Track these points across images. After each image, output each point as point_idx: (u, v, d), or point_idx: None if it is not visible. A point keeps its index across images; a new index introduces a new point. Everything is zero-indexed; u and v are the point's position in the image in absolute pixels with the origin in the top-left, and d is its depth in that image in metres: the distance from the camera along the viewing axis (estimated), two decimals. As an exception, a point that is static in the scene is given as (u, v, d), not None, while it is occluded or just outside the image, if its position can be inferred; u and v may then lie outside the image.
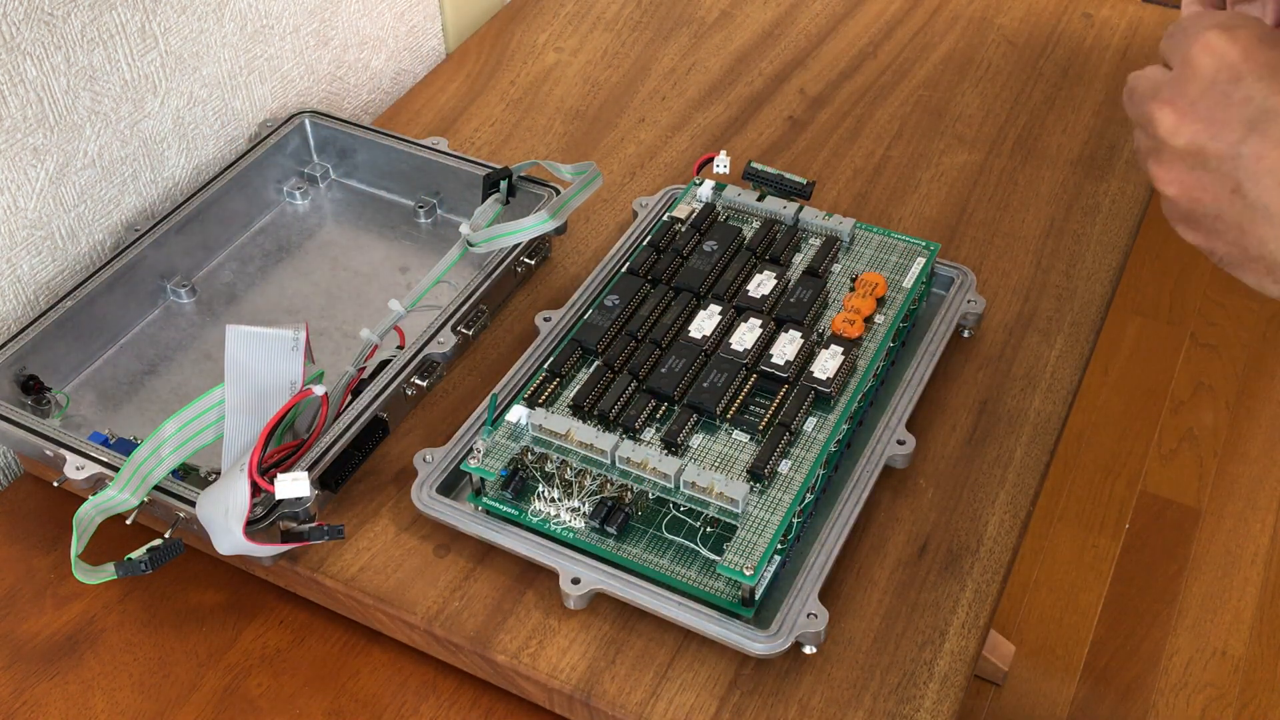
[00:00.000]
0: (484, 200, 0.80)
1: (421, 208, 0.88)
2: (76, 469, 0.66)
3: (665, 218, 0.79)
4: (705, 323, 0.71)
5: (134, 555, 0.63)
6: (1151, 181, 0.50)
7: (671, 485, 0.63)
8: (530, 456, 0.65)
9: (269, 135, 0.88)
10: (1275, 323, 1.79)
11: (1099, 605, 1.45)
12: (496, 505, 0.65)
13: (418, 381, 0.73)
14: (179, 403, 0.74)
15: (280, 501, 0.63)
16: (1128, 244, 0.84)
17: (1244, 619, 1.43)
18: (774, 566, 0.62)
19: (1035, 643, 1.41)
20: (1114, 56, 1.01)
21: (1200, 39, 0.46)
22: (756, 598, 0.61)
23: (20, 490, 0.73)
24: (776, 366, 0.68)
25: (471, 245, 0.76)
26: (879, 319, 0.72)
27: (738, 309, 0.72)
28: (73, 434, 0.68)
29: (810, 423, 0.66)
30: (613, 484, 0.64)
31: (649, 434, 0.66)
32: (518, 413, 0.67)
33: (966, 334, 0.77)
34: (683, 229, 0.77)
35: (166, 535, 0.64)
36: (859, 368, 0.69)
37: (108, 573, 0.63)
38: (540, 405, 0.67)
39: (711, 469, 0.64)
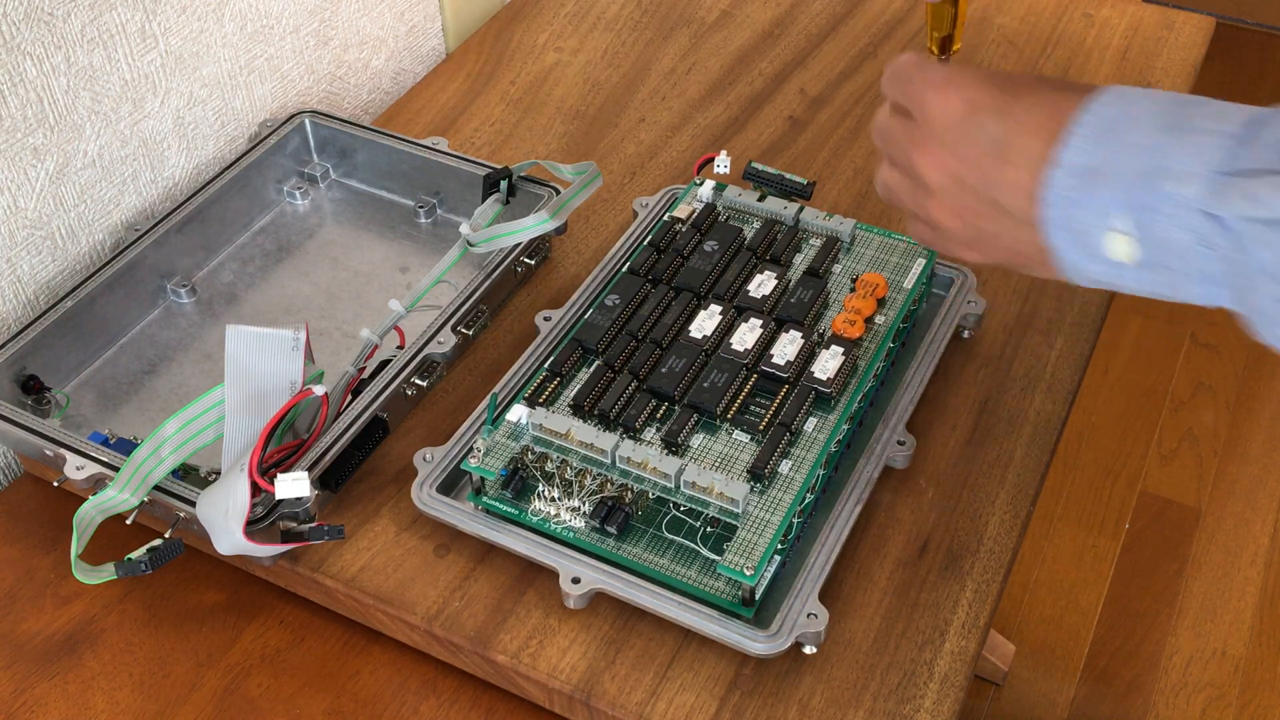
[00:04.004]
0: (484, 200, 0.80)
1: (421, 208, 0.88)
2: (76, 469, 0.66)
3: (665, 218, 0.79)
4: (706, 323, 0.71)
5: (134, 555, 0.63)
6: (928, 220, 0.58)
7: (672, 485, 0.63)
8: (530, 456, 0.65)
9: (269, 135, 0.88)
10: (1275, 323, 1.78)
11: (1099, 605, 1.45)
12: (496, 505, 0.65)
13: (418, 381, 0.73)
14: (179, 403, 0.74)
15: (280, 501, 0.63)
16: (1128, 244, 0.84)
17: (1244, 619, 1.43)
18: (774, 566, 0.62)
19: (1035, 643, 1.41)
20: (1114, 56, 1.01)
21: (934, 93, 0.56)
22: (757, 598, 0.61)
23: (20, 490, 0.73)
24: (777, 367, 0.68)
25: (471, 245, 0.76)
26: (879, 319, 0.72)
27: (738, 309, 0.72)
28: (73, 434, 0.68)
29: (810, 423, 0.66)
30: (613, 484, 0.64)
31: (649, 434, 0.66)
32: (518, 412, 0.67)
33: (967, 334, 0.77)
34: (683, 229, 0.77)
35: (166, 535, 0.65)
36: (859, 368, 0.69)
37: (108, 573, 0.63)
38: (540, 405, 0.67)
39: (712, 469, 0.64)
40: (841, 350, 0.69)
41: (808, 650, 0.61)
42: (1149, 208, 0.48)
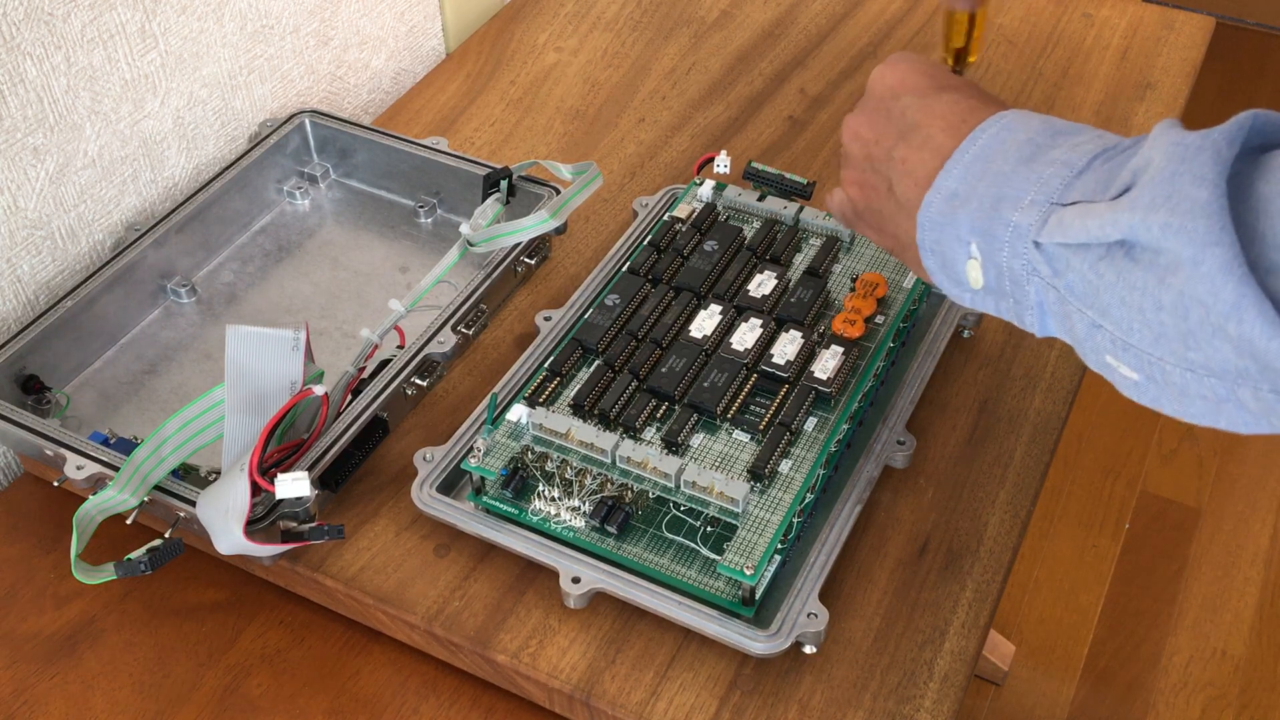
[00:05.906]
0: (484, 200, 0.80)
1: (421, 208, 0.88)
2: (76, 469, 0.66)
3: (666, 217, 0.79)
4: (706, 322, 0.71)
5: (134, 555, 0.63)
6: (843, 188, 0.60)
7: (672, 485, 0.63)
8: (530, 455, 0.65)
9: (269, 135, 0.88)
10: (1275, 323, 1.78)
11: (1099, 605, 1.45)
12: (496, 504, 0.65)
13: (418, 381, 0.73)
14: (179, 403, 0.74)
15: (280, 501, 0.63)
16: (1128, 244, 0.84)
17: (1244, 619, 1.43)
18: (774, 566, 0.62)
19: (1035, 643, 1.41)
20: (1114, 56, 1.01)
21: (879, 68, 0.58)
22: (757, 597, 0.61)
23: (20, 490, 0.73)
24: (777, 366, 0.68)
25: (471, 245, 0.76)
26: (880, 319, 0.72)
27: (738, 309, 0.72)
28: (73, 434, 0.68)
29: (811, 423, 0.66)
30: (613, 483, 0.64)
31: (649, 433, 0.66)
32: (518, 412, 0.67)
33: (967, 334, 0.77)
34: (683, 229, 0.77)
35: (166, 535, 0.64)
36: (859, 368, 0.69)
37: (108, 573, 0.63)
38: (540, 404, 0.67)
39: (712, 468, 0.64)
40: (841, 350, 0.69)
41: (808, 650, 0.61)
42: (990, 234, 0.49)
